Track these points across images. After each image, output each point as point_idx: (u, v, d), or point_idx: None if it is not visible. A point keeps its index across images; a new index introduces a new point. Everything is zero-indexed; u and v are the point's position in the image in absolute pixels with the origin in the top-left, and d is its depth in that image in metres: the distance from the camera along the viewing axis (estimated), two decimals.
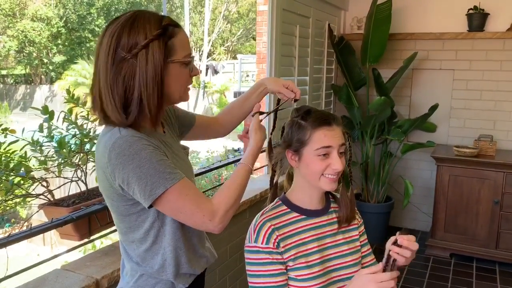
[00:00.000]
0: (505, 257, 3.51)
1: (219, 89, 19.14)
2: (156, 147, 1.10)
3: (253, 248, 1.18)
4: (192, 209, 1.09)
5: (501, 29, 3.75)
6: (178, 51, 1.11)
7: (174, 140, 1.31)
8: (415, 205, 4.21)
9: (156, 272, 1.19)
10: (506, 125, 3.85)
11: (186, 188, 1.09)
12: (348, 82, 3.98)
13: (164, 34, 1.08)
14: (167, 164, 1.08)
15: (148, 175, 1.04)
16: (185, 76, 1.15)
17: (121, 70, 1.05)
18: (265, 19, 6.03)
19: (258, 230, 1.19)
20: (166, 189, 1.06)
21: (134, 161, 1.04)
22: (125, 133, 1.08)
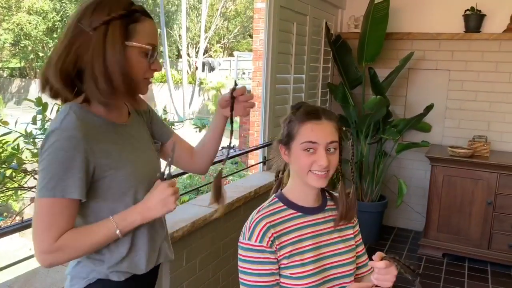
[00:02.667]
0: (497, 257, 3.53)
1: (215, 86, 19.11)
2: (79, 152, 1.04)
3: (246, 245, 1.18)
4: (39, 229, 1.04)
5: (498, 30, 3.76)
6: (139, 38, 1.09)
7: (140, 133, 1.27)
8: (408, 205, 4.23)
9: (92, 262, 1.16)
10: (501, 126, 3.87)
11: (52, 209, 1.04)
12: (344, 80, 3.98)
13: (128, 16, 1.08)
14: (70, 175, 1.04)
15: (49, 175, 1.03)
16: (142, 66, 1.12)
17: (76, 41, 1.06)
18: (262, 17, 6.03)
19: (253, 227, 1.18)
20: (41, 197, 1.04)
21: (50, 156, 1.03)
22: (65, 125, 1.06)
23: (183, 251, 2.07)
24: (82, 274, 1.16)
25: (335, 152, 1.20)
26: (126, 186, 1.14)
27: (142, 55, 1.11)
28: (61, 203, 1.04)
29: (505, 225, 3.48)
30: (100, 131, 1.11)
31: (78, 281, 1.17)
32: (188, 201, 2.47)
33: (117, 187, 1.13)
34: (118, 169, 1.12)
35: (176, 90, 19.07)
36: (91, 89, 1.07)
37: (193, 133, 4.93)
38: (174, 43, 22.52)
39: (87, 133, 1.06)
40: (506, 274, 3.48)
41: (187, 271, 2.12)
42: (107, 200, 1.13)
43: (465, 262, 3.67)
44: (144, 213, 1.13)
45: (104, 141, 1.11)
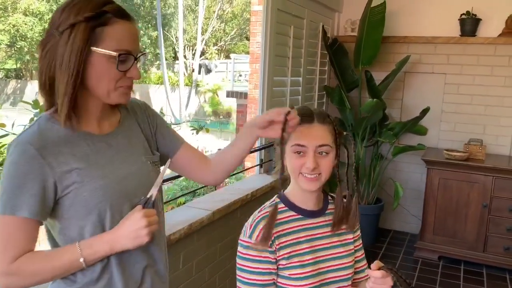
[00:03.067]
0: (493, 260, 3.54)
1: (211, 88, 19.12)
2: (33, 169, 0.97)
3: (246, 243, 1.18)
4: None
5: (493, 34, 3.78)
6: (107, 42, 0.99)
7: (128, 144, 1.14)
8: (405, 208, 4.24)
9: (64, 281, 1.07)
10: (496, 130, 3.89)
11: (4, 228, 0.97)
12: (341, 83, 4.00)
13: (95, 18, 0.98)
14: (20, 192, 0.96)
15: (2, 191, 0.97)
16: (112, 72, 1.01)
17: (46, 45, 1.00)
18: (259, 19, 6.04)
19: (255, 226, 1.19)
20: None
21: (4, 169, 0.99)
22: (23, 137, 1.00)
23: (180, 254, 2.07)
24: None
25: (327, 156, 1.19)
26: (93, 203, 1.02)
27: (111, 60, 1.00)
28: (14, 222, 0.97)
29: (500, 228, 3.50)
30: (66, 143, 1.02)
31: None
32: (184, 204, 2.47)
33: (81, 204, 1.02)
34: (83, 184, 1.01)
35: (172, 92, 19.07)
36: (57, 99, 1.00)
37: (190, 135, 4.93)
38: (171, 45, 22.52)
39: (46, 146, 0.98)
40: (501, 277, 3.50)
41: (183, 274, 2.12)
42: (72, 218, 1.03)
43: (460, 265, 3.68)
44: (112, 243, 1.02)
45: (68, 154, 1.01)
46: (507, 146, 3.87)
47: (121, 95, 1.05)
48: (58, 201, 1.01)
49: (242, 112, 9.47)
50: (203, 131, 2.72)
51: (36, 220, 0.99)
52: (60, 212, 1.02)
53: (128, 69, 1.03)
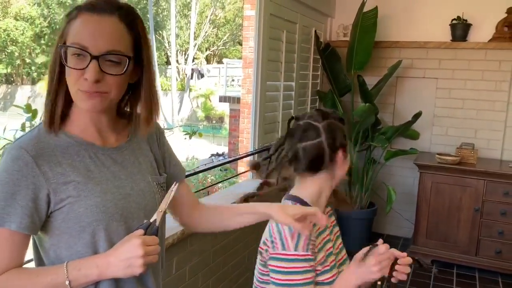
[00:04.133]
0: (485, 264, 3.56)
1: (204, 93, 19.11)
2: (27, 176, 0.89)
3: (291, 256, 1.11)
4: None
5: (483, 39, 3.82)
6: (70, 37, 0.90)
7: (136, 161, 1.06)
8: (397, 212, 4.25)
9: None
10: (487, 134, 3.92)
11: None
12: (333, 88, 4.01)
13: (68, 14, 0.92)
14: (7, 203, 0.88)
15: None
16: (68, 71, 0.91)
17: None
18: (251, 24, 6.04)
19: (298, 236, 1.11)
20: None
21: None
22: (18, 143, 0.92)
23: (173, 259, 2.06)
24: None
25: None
26: (87, 221, 0.93)
27: (71, 59, 0.90)
28: (1, 234, 0.88)
29: (492, 232, 3.51)
30: (65, 153, 0.94)
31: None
32: None
33: (75, 220, 0.93)
34: (80, 199, 0.93)
35: (164, 96, 19.03)
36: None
37: (182, 140, 4.91)
38: (163, 50, 22.49)
39: (42, 154, 0.91)
40: (493, 281, 3.52)
41: (176, 280, 2.10)
42: (63, 235, 0.94)
43: (453, 268, 3.70)
44: (102, 268, 0.90)
45: (67, 164, 0.93)
46: (498, 150, 3.90)
47: (82, 99, 0.91)
48: (50, 215, 0.93)
49: (235, 117, 9.48)
50: (196, 136, 2.70)
51: (24, 234, 0.90)
52: (51, 227, 0.94)
53: (84, 68, 0.89)
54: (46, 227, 0.94)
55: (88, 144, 0.97)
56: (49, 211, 0.92)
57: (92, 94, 0.90)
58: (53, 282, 0.89)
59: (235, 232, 2.63)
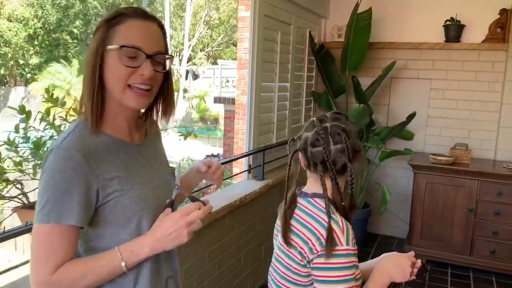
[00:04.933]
0: (479, 263, 3.58)
1: (198, 94, 19.08)
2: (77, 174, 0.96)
3: (345, 251, 1.13)
4: (36, 260, 0.96)
5: (477, 40, 3.84)
6: (117, 39, 0.99)
7: (155, 155, 1.19)
8: (392, 212, 4.26)
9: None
10: (481, 134, 3.95)
11: (49, 236, 0.96)
12: (328, 89, 4.02)
13: (110, 20, 1.01)
14: (67, 199, 0.95)
15: (45, 198, 0.96)
16: (119, 71, 1.00)
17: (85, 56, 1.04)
18: (246, 25, 6.04)
19: (347, 230, 1.16)
20: (37, 222, 0.96)
21: (47, 177, 0.96)
22: (65, 143, 0.98)
23: None
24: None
25: None
26: (132, 211, 1.04)
27: (119, 58, 0.99)
28: (58, 230, 0.95)
29: (486, 231, 3.53)
30: (106, 151, 1.02)
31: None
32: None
33: (121, 212, 1.03)
34: (124, 192, 1.02)
35: None
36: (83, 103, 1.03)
37: (177, 141, 4.91)
38: None
39: (89, 153, 0.98)
40: (488, 280, 3.54)
41: None
42: (110, 226, 1.03)
43: (448, 268, 3.71)
44: (152, 245, 1.02)
45: (110, 162, 1.02)
46: (492, 150, 3.93)
47: (130, 97, 1.02)
48: (98, 209, 1.01)
49: (230, 118, 9.47)
50: (191, 137, 2.68)
51: (79, 227, 0.98)
52: (98, 220, 1.02)
53: (139, 66, 1.00)
54: (93, 221, 1.01)
55: (121, 142, 1.07)
56: (97, 205, 1.00)
57: (142, 93, 1.02)
58: (110, 265, 0.98)
59: (229, 234, 2.62)
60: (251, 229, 2.84)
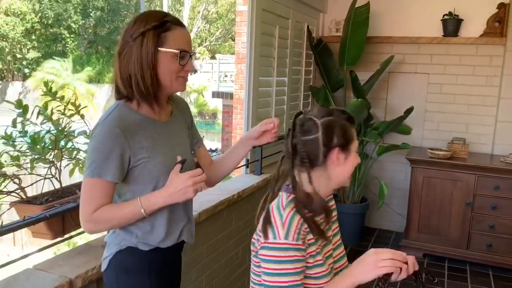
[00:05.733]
0: (476, 257, 3.60)
1: (197, 88, 19.04)
2: (117, 142, 1.27)
3: (283, 245, 1.10)
4: (82, 202, 1.29)
5: (475, 34, 3.84)
6: (170, 43, 1.30)
7: (179, 131, 1.47)
8: (389, 206, 4.28)
9: (124, 231, 1.37)
10: (478, 129, 3.95)
11: (92, 187, 1.28)
12: (326, 84, 4.02)
13: (159, 26, 1.28)
14: (108, 161, 1.26)
15: (91, 159, 1.28)
16: (173, 67, 1.31)
17: (123, 50, 1.29)
18: (244, 20, 6.02)
19: (288, 225, 1.12)
20: (85, 177, 1.28)
21: (93, 143, 1.28)
22: (110, 118, 1.29)
23: None
24: (115, 241, 1.39)
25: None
26: (156, 174, 1.33)
27: (174, 58, 1.31)
28: (99, 183, 1.27)
29: (483, 226, 3.55)
30: (138, 126, 1.32)
31: (112, 247, 1.40)
32: None
33: (147, 174, 1.32)
34: (150, 159, 1.32)
35: None
36: (135, 89, 1.29)
37: None
38: None
39: (126, 128, 1.28)
40: (484, 274, 3.56)
41: None
42: (138, 184, 1.33)
43: (445, 262, 3.73)
44: (165, 198, 1.30)
45: (141, 135, 1.31)
46: (489, 145, 3.94)
47: (180, 84, 1.36)
48: (129, 170, 1.32)
49: (228, 113, 9.46)
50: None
51: (114, 183, 1.30)
52: (129, 179, 1.33)
53: (186, 64, 1.33)
54: (126, 179, 1.33)
55: (151, 119, 1.36)
56: (129, 168, 1.31)
57: (185, 80, 1.38)
58: (133, 212, 1.30)
59: (227, 228, 2.63)
60: (249, 223, 2.84)
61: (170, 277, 1.50)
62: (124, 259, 1.38)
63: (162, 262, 1.43)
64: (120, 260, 1.38)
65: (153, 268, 1.41)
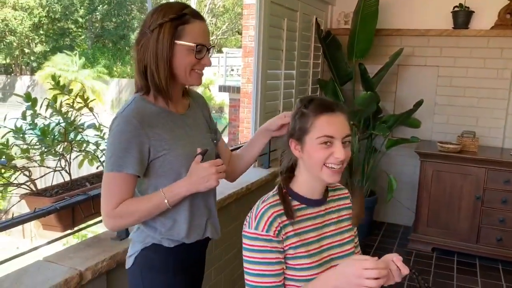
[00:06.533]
0: (485, 251, 3.57)
1: (203, 82, 19.02)
2: (137, 134, 1.25)
3: (252, 234, 1.16)
4: (104, 198, 1.27)
5: (485, 27, 3.79)
6: (187, 37, 1.28)
7: (197, 123, 1.44)
8: (398, 200, 4.26)
9: (148, 228, 1.36)
10: (488, 122, 3.91)
11: (114, 182, 1.26)
12: (335, 77, 3.99)
13: (177, 19, 1.26)
14: (127, 153, 1.24)
15: (110, 153, 1.25)
16: (190, 61, 1.29)
17: (140, 42, 1.28)
18: (251, 13, 5.99)
19: (260, 217, 1.17)
20: (105, 172, 1.27)
21: (112, 137, 1.26)
22: (128, 111, 1.27)
23: None
24: (140, 238, 1.38)
25: (349, 146, 1.19)
26: (177, 165, 1.32)
27: (190, 51, 1.28)
28: (120, 177, 1.25)
29: (493, 220, 3.52)
30: (157, 119, 1.30)
31: (137, 244, 1.38)
32: None
33: (168, 166, 1.31)
34: (170, 151, 1.30)
35: None
36: (150, 81, 1.28)
37: None
38: None
39: (143, 120, 1.26)
40: (494, 268, 3.53)
41: None
42: (160, 177, 1.32)
43: (454, 256, 3.71)
44: (188, 187, 1.29)
45: (159, 127, 1.30)
46: (500, 138, 3.89)
47: (196, 78, 1.33)
48: (150, 163, 1.30)
49: (235, 107, 9.44)
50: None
51: (136, 176, 1.27)
52: (151, 172, 1.31)
53: (202, 58, 1.31)
54: (147, 173, 1.31)
55: (169, 111, 1.35)
56: (150, 160, 1.30)
57: (201, 74, 1.34)
58: (157, 203, 1.28)
59: (236, 221, 2.63)
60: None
61: (195, 274, 1.50)
62: (149, 256, 1.37)
63: (187, 260, 1.43)
64: (145, 257, 1.37)
65: (178, 266, 1.40)
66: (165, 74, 1.27)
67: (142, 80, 1.30)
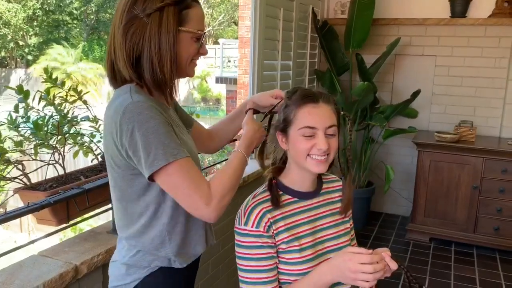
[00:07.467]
0: (483, 241, 3.58)
1: (200, 74, 18.95)
2: (165, 118, 1.09)
3: (243, 231, 1.16)
4: (191, 188, 1.06)
5: (483, 15, 3.77)
6: (192, 23, 1.14)
7: (178, 119, 1.31)
8: (396, 190, 4.26)
9: (154, 248, 1.17)
10: (486, 112, 3.90)
11: (188, 167, 1.07)
12: (331, 67, 3.96)
13: (181, 2, 1.11)
14: (173, 138, 1.07)
15: (153, 146, 1.04)
16: (192, 50, 1.16)
17: (131, 27, 1.09)
18: (247, 3, 5.94)
19: (249, 213, 1.17)
20: (168, 163, 1.04)
21: (141, 129, 1.04)
22: (137, 98, 1.07)
23: None
24: (143, 263, 1.18)
25: (334, 137, 1.17)
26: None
27: (194, 39, 1.15)
28: (181, 163, 1.06)
29: (490, 209, 3.53)
30: (160, 108, 1.13)
31: (137, 270, 1.18)
32: None
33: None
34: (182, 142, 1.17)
35: None
36: (148, 72, 1.10)
37: None
38: None
39: (158, 105, 1.13)
40: (491, 257, 3.54)
41: None
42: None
43: (451, 246, 3.72)
44: (247, 143, 1.25)
45: (167, 115, 1.16)
46: (497, 128, 3.89)
47: (193, 69, 1.21)
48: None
49: (232, 98, 9.42)
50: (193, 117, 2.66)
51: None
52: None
53: (201, 46, 1.18)
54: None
55: (163, 105, 1.19)
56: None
57: (196, 64, 1.21)
58: (240, 161, 1.20)
59: (233, 214, 2.62)
60: None
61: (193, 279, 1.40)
62: (158, 282, 1.18)
63: (193, 279, 1.33)
64: (152, 285, 1.18)
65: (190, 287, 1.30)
66: (171, 66, 1.11)
67: (131, 72, 1.11)
